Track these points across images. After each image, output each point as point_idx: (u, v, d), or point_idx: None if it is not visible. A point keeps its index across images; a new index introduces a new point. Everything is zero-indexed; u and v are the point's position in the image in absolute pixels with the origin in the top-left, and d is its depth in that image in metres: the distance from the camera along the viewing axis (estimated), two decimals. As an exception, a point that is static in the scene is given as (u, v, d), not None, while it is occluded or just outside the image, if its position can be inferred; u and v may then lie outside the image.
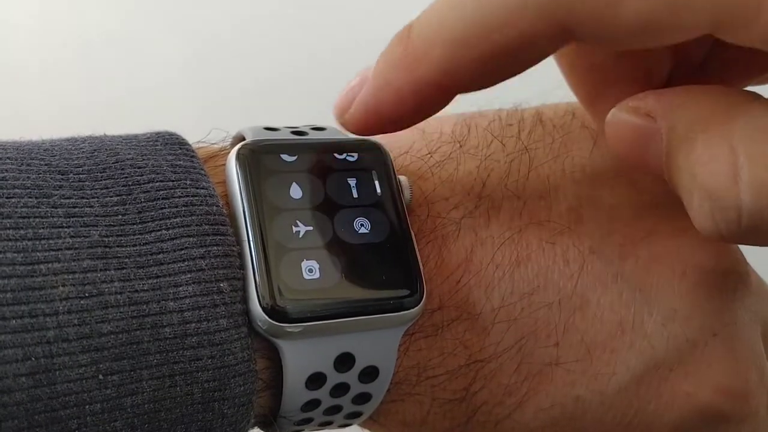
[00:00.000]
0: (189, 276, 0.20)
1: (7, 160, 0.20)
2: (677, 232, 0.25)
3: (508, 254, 0.24)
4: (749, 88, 0.22)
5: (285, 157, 0.22)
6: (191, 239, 0.20)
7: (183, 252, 0.20)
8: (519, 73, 0.21)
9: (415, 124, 0.22)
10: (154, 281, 0.19)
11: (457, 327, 0.23)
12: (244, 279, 0.21)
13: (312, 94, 0.69)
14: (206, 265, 0.20)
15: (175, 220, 0.20)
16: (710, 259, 0.25)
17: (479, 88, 0.22)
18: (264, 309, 0.20)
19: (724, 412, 0.24)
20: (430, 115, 0.22)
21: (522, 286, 0.23)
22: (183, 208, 0.20)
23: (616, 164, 0.26)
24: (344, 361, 0.22)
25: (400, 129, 0.22)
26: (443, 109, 0.23)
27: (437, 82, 0.20)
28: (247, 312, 0.20)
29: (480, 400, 0.23)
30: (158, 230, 0.20)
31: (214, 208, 0.21)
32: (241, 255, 0.21)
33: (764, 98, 0.19)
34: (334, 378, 0.22)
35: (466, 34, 0.19)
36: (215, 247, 0.20)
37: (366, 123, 0.22)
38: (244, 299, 0.20)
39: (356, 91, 0.22)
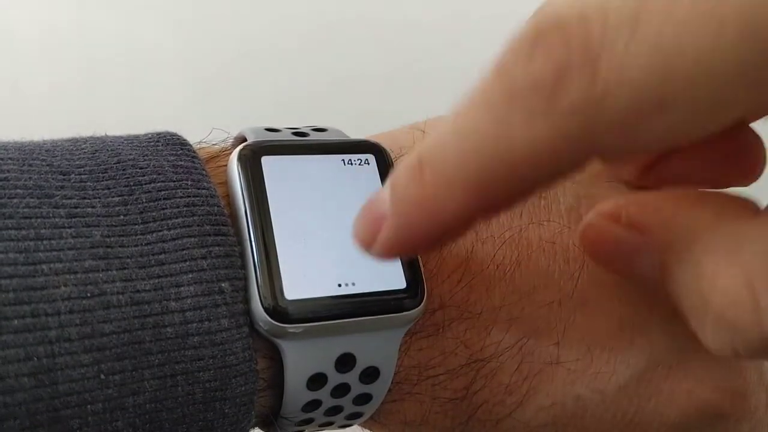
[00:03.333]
0: (190, 276, 0.20)
1: (9, 161, 0.20)
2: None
3: (509, 254, 0.24)
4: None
5: (287, 157, 0.23)
6: (193, 239, 0.20)
7: (184, 252, 0.20)
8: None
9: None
10: (156, 281, 0.19)
11: (457, 326, 0.23)
12: (245, 279, 0.21)
13: (312, 95, 0.69)
14: (208, 265, 0.20)
15: (176, 220, 0.20)
16: None
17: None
18: (266, 309, 0.20)
19: (724, 410, 0.24)
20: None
21: (522, 285, 0.23)
22: (184, 209, 0.20)
23: None
24: (345, 362, 0.22)
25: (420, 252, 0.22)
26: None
27: (464, 219, 0.18)
28: (248, 312, 0.20)
29: (481, 399, 0.23)
30: (160, 230, 0.20)
31: (216, 208, 0.21)
32: (242, 255, 0.21)
33: (763, 211, 0.18)
34: (335, 378, 0.22)
35: (488, 175, 0.16)
36: (217, 248, 0.20)
37: (392, 254, 0.19)
38: (246, 299, 0.20)
39: (375, 229, 0.19)
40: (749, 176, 0.21)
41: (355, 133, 0.26)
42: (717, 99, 0.14)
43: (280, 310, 0.20)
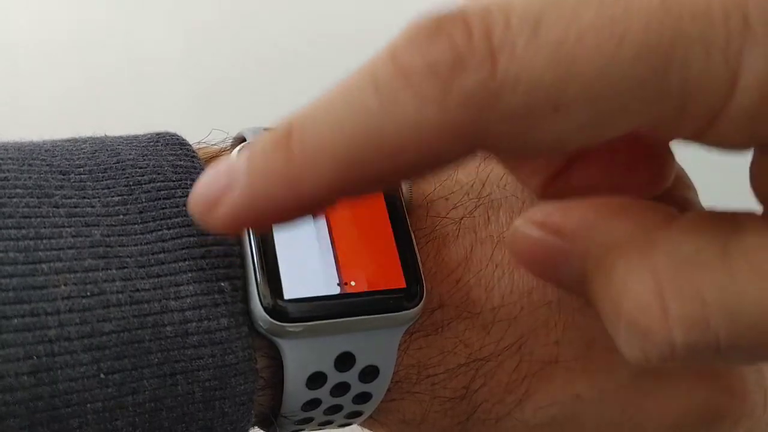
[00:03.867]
0: (190, 275, 0.20)
1: (9, 161, 0.20)
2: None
3: (508, 254, 0.24)
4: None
5: None
6: (192, 239, 0.20)
7: (184, 251, 0.20)
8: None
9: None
10: (155, 280, 0.19)
11: (457, 326, 0.23)
12: (245, 278, 0.21)
13: (313, 95, 0.69)
14: (207, 265, 0.20)
15: (176, 219, 0.20)
16: None
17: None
18: (265, 308, 0.20)
19: (723, 410, 0.24)
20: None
21: (522, 284, 0.23)
22: (184, 208, 0.21)
23: None
24: (344, 361, 0.22)
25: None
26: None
27: (324, 198, 0.17)
28: (248, 311, 0.20)
29: (480, 398, 0.23)
30: (159, 230, 0.20)
31: None
32: (241, 254, 0.21)
33: (683, 216, 0.18)
34: (334, 377, 0.22)
35: (364, 155, 0.15)
36: (216, 247, 0.20)
37: (236, 226, 0.17)
38: (245, 298, 0.20)
39: (220, 191, 0.17)
40: (657, 185, 0.21)
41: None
42: (610, 108, 0.14)
43: (279, 309, 0.20)
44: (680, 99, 0.14)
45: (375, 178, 0.16)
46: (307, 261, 0.21)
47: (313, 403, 0.22)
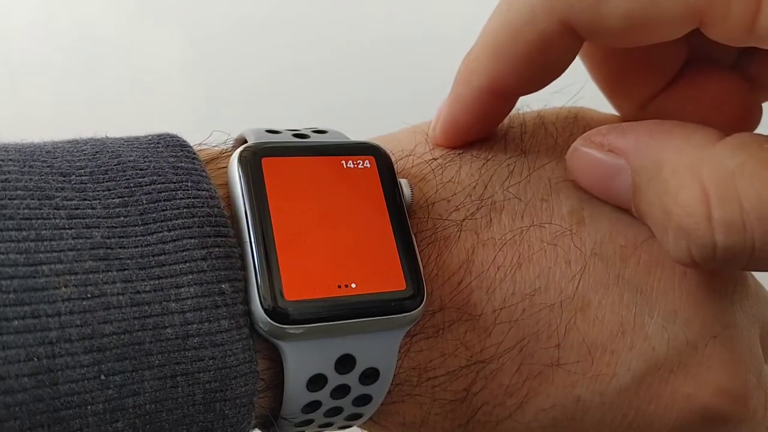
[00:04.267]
0: (191, 277, 0.20)
1: (10, 162, 0.20)
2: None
3: (510, 256, 0.24)
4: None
5: (287, 159, 0.23)
6: (193, 240, 0.20)
7: (185, 253, 0.20)
8: (558, 74, 0.24)
9: (487, 132, 0.26)
10: (156, 282, 0.19)
11: (458, 328, 0.23)
12: (245, 280, 0.21)
13: (313, 96, 0.69)
14: (208, 267, 0.20)
15: (176, 221, 0.20)
16: None
17: (529, 91, 0.25)
18: (266, 310, 0.20)
19: (723, 413, 0.24)
20: (498, 122, 0.26)
21: (523, 287, 0.23)
22: (184, 210, 0.20)
23: None
24: (345, 363, 0.22)
25: (476, 138, 0.26)
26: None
27: (490, 87, 0.24)
28: (248, 313, 0.20)
29: (481, 400, 0.23)
30: (160, 232, 0.20)
31: (216, 209, 0.21)
32: (242, 256, 0.21)
33: (728, 136, 0.21)
34: (334, 379, 0.22)
35: (498, 41, 0.23)
36: (217, 249, 0.20)
37: (450, 137, 0.26)
38: (246, 300, 0.20)
39: (435, 118, 0.26)
40: (742, 126, 0.24)
41: (357, 135, 0.26)
42: None
43: (280, 312, 0.20)
44: None
45: (515, 62, 0.23)
46: (307, 263, 0.21)
47: (314, 405, 0.22)
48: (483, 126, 0.26)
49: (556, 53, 0.23)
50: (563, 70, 0.24)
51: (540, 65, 0.24)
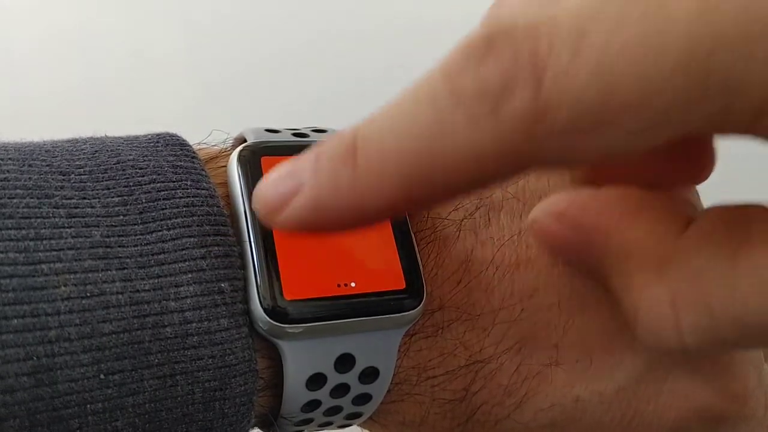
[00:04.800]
0: (190, 276, 0.20)
1: (9, 161, 0.20)
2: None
3: (509, 255, 0.24)
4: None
5: (287, 158, 0.23)
6: (192, 239, 0.20)
7: (184, 252, 0.20)
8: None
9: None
10: (155, 281, 0.19)
11: (457, 327, 0.23)
12: (245, 279, 0.21)
13: (314, 96, 0.69)
14: (207, 265, 0.20)
15: (176, 220, 0.20)
16: None
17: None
18: (265, 310, 0.20)
19: (723, 413, 0.24)
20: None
21: (522, 287, 0.23)
22: (184, 209, 0.21)
23: None
24: (345, 362, 0.22)
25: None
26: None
27: (385, 211, 0.17)
28: (248, 312, 0.20)
29: (480, 400, 0.23)
30: (159, 230, 0.20)
31: (215, 208, 0.21)
32: (241, 255, 0.21)
33: (696, 223, 0.19)
34: (334, 379, 0.22)
35: (424, 171, 0.16)
36: (216, 248, 0.20)
37: (299, 228, 0.18)
38: (245, 299, 0.20)
39: (288, 195, 0.18)
40: (698, 177, 0.22)
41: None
42: (655, 120, 0.15)
43: (279, 311, 0.20)
44: (725, 98, 0.14)
45: (433, 194, 0.17)
46: (306, 262, 0.21)
47: (313, 404, 0.22)
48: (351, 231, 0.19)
49: (496, 180, 0.17)
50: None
51: (469, 191, 0.17)
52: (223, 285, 0.20)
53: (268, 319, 0.20)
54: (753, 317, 0.17)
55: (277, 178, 0.18)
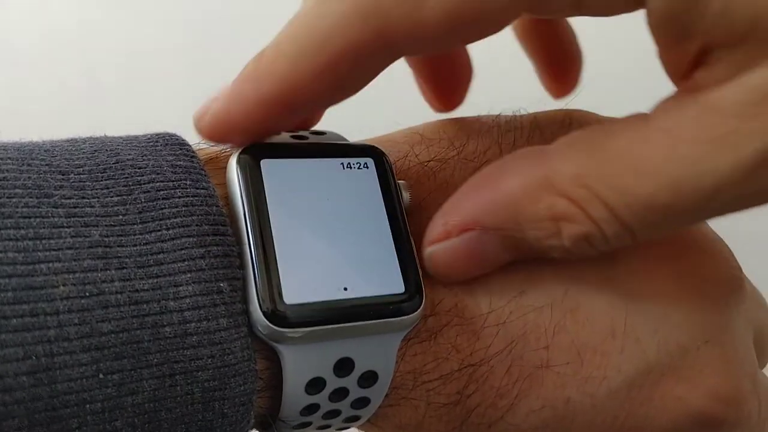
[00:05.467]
0: (189, 276, 0.20)
1: (8, 160, 0.20)
2: (672, 238, 0.25)
3: None
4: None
5: (286, 161, 0.23)
6: (191, 239, 0.20)
7: (183, 252, 0.20)
8: (359, 89, 0.22)
9: (264, 137, 0.23)
10: (155, 281, 0.19)
11: (449, 331, 0.23)
12: (244, 279, 0.21)
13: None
14: (206, 265, 0.20)
15: (175, 220, 0.20)
16: (705, 267, 0.25)
17: (320, 108, 0.24)
18: (264, 313, 0.20)
19: (717, 418, 0.24)
20: (280, 130, 0.24)
21: (511, 289, 0.23)
22: (183, 209, 0.20)
23: None
24: (344, 366, 0.22)
25: (249, 141, 0.23)
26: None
27: (281, 96, 0.21)
28: (247, 312, 0.20)
29: (473, 402, 0.23)
30: (158, 230, 0.20)
31: (214, 208, 0.21)
32: (240, 255, 0.21)
33: (552, 146, 0.22)
34: (333, 383, 0.22)
35: (302, 47, 0.21)
36: (215, 247, 0.20)
37: (217, 131, 0.22)
38: (244, 299, 0.20)
39: (210, 102, 0.22)
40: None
41: (353, 137, 0.26)
42: None
43: (279, 314, 0.20)
44: None
45: (317, 73, 0.21)
46: (306, 265, 0.21)
47: (312, 408, 0.22)
48: (258, 132, 0.23)
49: (365, 66, 0.21)
50: (366, 84, 0.22)
51: (344, 79, 0.21)
52: (222, 285, 0.20)
53: (267, 323, 0.20)
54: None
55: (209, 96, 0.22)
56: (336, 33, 0.20)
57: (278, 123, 0.23)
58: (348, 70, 0.21)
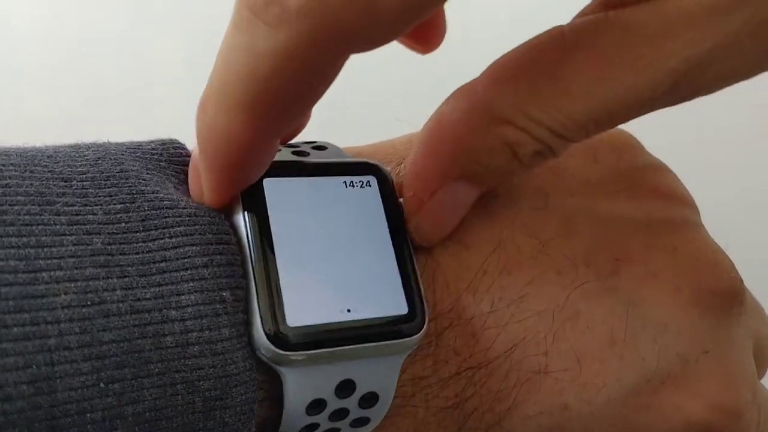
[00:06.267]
0: (192, 285, 0.20)
1: (11, 167, 0.20)
2: (674, 248, 0.25)
3: (498, 261, 0.24)
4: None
5: (288, 180, 0.22)
6: (194, 248, 0.20)
7: (186, 260, 0.20)
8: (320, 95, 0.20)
9: (262, 173, 0.22)
10: (157, 289, 0.19)
11: (449, 334, 0.23)
12: (246, 289, 0.21)
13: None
14: (209, 274, 0.20)
15: (178, 228, 0.20)
16: (706, 278, 0.25)
17: (294, 124, 0.22)
18: (267, 335, 0.20)
19: (715, 427, 0.24)
20: (267, 165, 0.22)
21: (511, 293, 0.23)
22: (187, 218, 0.20)
23: (615, 178, 0.26)
24: (345, 388, 0.22)
25: (253, 181, 0.22)
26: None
27: (254, 140, 0.19)
28: (249, 322, 0.20)
29: (471, 406, 0.23)
30: (161, 238, 0.20)
31: (218, 218, 0.21)
32: (243, 264, 0.21)
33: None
34: (334, 403, 0.22)
35: (254, 87, 0.18)
36: (218, 256, 0.20)
37: (224, 192, 0.21)
38: (247, 310, 0.20)
39: (198, 181, 0.21)
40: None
41: (354, 141, 0.26)
42: None
43: (281, 337, 0.20)
44: None
45: (275, 114, 0.18)
46: (309, 287, 0.21)
47: (312, 427, 0.22)
48: (254, 175, 0.21)
49: (327, 77, 0.18)
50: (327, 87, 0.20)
51: (307, 92, 0.19)
52: (224, 294, 0.20)
53: (271, 346, 0.20)
54: None
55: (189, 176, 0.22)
56: (283, 70, 0.17)
57: (264, 160, 0.21)
58: (310, 85, 0.18)
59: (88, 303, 0.18)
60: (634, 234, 0.25)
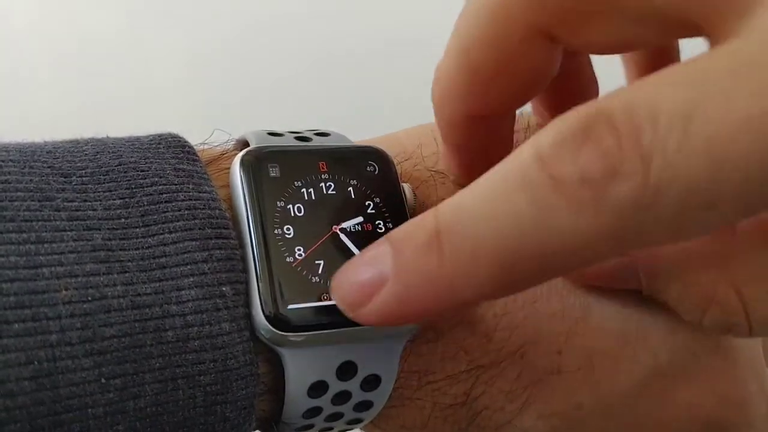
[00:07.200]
0: (192, 279, 0.20)
1: (10, 163, 0.20)
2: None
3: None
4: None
5: (290, 163, 0.22)
6: (194, 243, 0.20)
7: (186, 255, 0.20)
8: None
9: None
10: (157, 285, 0.19)
11: (458, 332, 0.23)
12: (246, 283, 0.21)
13: (316, 96, 0.69)
14: (209, 269, 0.20)
15: (177, 223, 0.20)
16: None
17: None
18: (267, 317, 0.20)
19: (726, 421, 0.24)
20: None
21: (525, 294, 0.23)
22: (186, 212, 0.20)
23: None
24: (346, 370, 0.22)
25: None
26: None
27: (475, 301, 0.17)
28: (249, 316, 0.20)
29: (481, 405, 0.23)
30: (161, 234, 0.20)
31: (217, 211, 0.21)
32: (243, 258, 0.21)
33: (743, 224, 0.20)
34: (336, 386, 0.22)
35: (518, 259, 0.16)
36: (218, 251, 0.20)
37: (387, 321, 0.18)
38: (247, 303, 0.20)
39: (371, 289, 0.18)
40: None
41: (358, 135, 0.26)
42: (762, 201, 0.15)
43: (281, 318, 0.20)
44: None
45: (527, 280, 0.16)
46: (309, 268, 0.21)
47: (314, 411, 0.22)
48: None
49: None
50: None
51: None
52: (224, 289, 0.20)
53: (269, 326, 0.20)
54: None
55: (354, 269, 0.18)
56: (566, 248, 0.16)
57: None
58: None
59: (89, 298, 0.18)
60: None
